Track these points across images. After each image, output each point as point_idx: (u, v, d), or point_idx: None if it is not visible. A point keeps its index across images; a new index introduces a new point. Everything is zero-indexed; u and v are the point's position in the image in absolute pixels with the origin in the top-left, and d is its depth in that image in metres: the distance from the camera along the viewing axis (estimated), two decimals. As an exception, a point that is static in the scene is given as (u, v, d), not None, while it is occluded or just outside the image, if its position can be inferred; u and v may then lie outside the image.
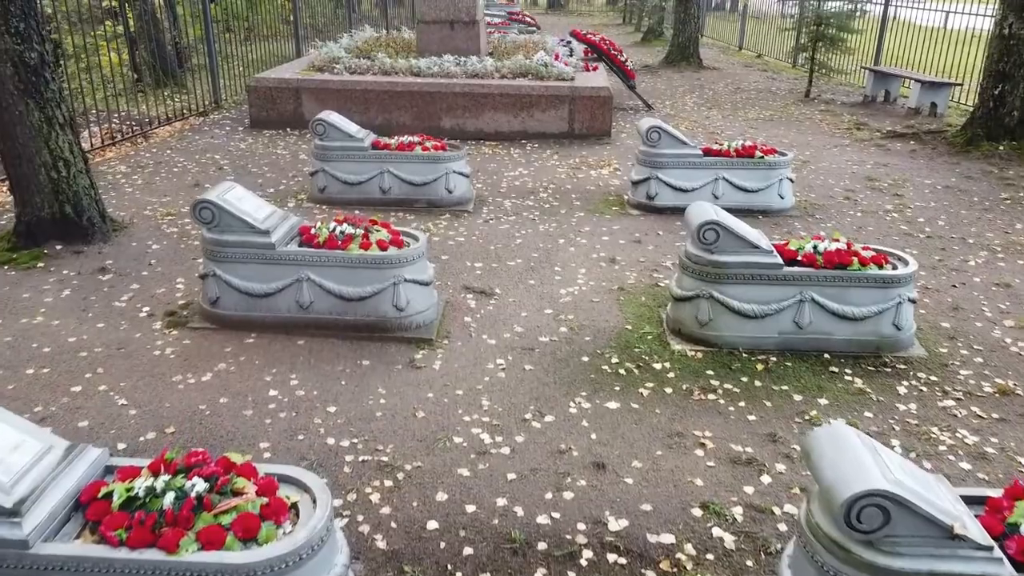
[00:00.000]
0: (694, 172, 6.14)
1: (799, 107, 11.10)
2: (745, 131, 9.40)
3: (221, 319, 4.18)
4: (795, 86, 13.06)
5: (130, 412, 3.41)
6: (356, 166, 6.17)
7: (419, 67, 8.85)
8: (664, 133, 6.09)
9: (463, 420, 3.42)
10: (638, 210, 6.28)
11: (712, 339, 4.06)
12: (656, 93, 12.23)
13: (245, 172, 7.19)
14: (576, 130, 8.57)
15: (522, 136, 8.59)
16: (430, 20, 9.75)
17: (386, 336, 4.11)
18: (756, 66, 15.96)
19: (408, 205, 6.23)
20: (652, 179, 6.16)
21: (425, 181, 6.18)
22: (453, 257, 5.26)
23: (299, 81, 8.66)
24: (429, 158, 6.13)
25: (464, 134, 8.60)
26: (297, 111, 8.71)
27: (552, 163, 7.74)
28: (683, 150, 6.12)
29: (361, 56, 9.63)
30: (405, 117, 8.60)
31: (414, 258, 4.10)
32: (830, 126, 9.81)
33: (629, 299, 4.68)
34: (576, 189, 6.89)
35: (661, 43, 20.38)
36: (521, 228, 5.86)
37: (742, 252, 3.96)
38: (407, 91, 8.52)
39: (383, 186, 6.19)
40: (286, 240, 4.14)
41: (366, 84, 8.57)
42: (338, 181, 6.21)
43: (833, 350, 4.04)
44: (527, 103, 8.47)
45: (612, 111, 8.57)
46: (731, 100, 11.69)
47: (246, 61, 11.42)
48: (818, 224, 6.06)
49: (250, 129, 8.84)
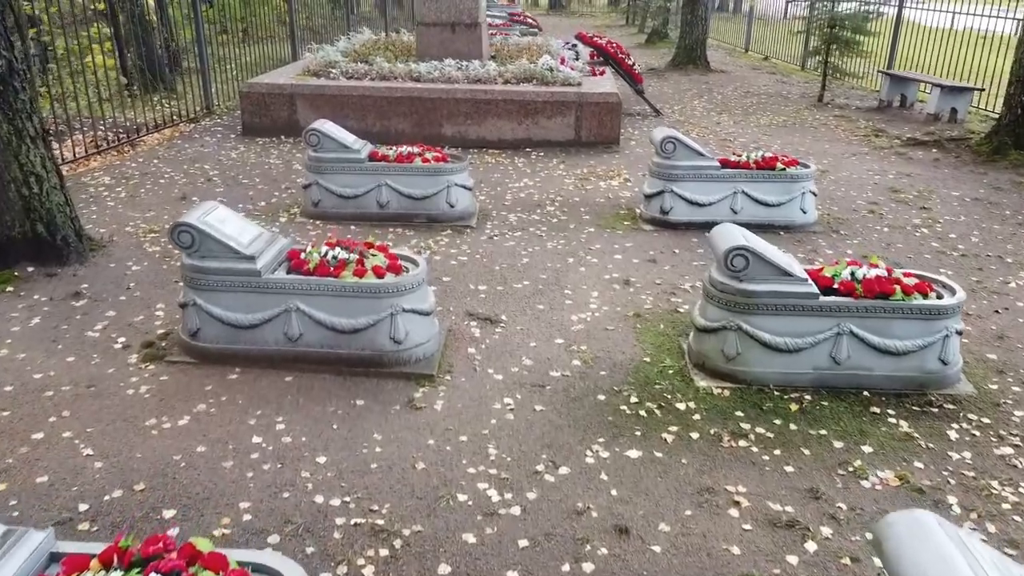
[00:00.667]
0: (711, 185, 5.80)
1: (813, 112, 10.76)
2: (758, 138, 9.07)
3: (202, 352, 3.83)
4: (807, 90, 12.73)
5: (96, 464, 3.07)
6: (352, 179, 5.83)
7: (419, 72, 8.52)
8: (679, 144, 5.74)
9: (467, 473, 3.07)
10: (651, 225, 5.94)
11: (740, 375, 3.72)
12: (663, 97, 11.89)
13: (235, 183, 6.85)
14: (583, 138, 8.23)
15: (527, 144, 8.26)
16: (430, 22, 9.41)
17: (383, 371, 3.77)
18: (764, 69, 15.63)
19: (407, 220, 5.89)
20: (666, 192, 5.82)
21: (425, 195, 5.84)
22: (455, 279, 4.92)
23: (293, 87, 8.32)
24: (429, 170, 5.79)
25: (466, 142, 8.27)
26: (291, 118, 8.38)
27: (559, 173, 7.40)
28: (699, 162, 5.78)
29: (358, 60, 9.30)
30: (404, 124, 8.27)
31: (413, 286, 3.76)
32: (846, 133, 9.47)
33: (646, 327, 4.33)
34: (585, 202, 6.55)
35: (666, 45, 20.07)
36: (528, 245, 5.52)
37: (774, 280, 3.62)
38: (406, 97, 8.19)
39: (381, 200, 5.85)
40: (273, 266, 3.80)
41: (363, 90, 8.24)
42: (333, 195, 5.87)
43: (873, 387, 3.70)
44: (532, 110, 8.13)
45: (621, 118, 8.23)
46: (741, 105, 11.35)
47: (240, 64, 11.09)
48: (843, 241, 5.71)
49: (242, 137, 8.50)
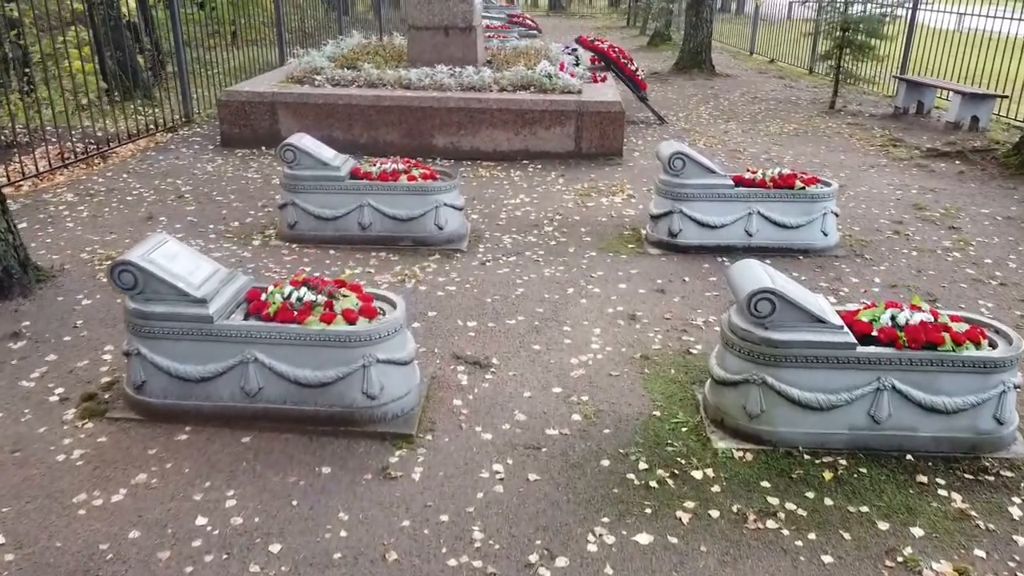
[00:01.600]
0: (724, 205, 5.34)
1: (824, 120, 10.30)
2: (769, 149, 8.61)
3: (148, 408, 3.37)
4: (816, 95, 12.27)
5: (6, 557, 2.60)
6: (331, 199, 5.37)
7: (409, 79, 8.06)
8: (689, 160, 5.28)
9: (448, 566, 2.61)
10: (658, 249, 5.48)
11: (765, 435, 3.26)
12: (667, 103, 11.44)
13: (208, 201, 6.39)
14: (584, 149, 7.77)
15: (524, 156, 7.80)
16: (422, 26, 8.96)
17: (354, 431, 3.30)
18: (771, 72, 15.19)
19: (392, 244, 5.43)
20: (675, 213, 5.36)
21: (411, 216, 5.38)
22: (442, 314, 4.45)
23: (275, 95, 7.86)
24: (416, 189, 5.33)
25: (459, 153, 7.81)
26: (273, 128, 7.92)
27: (558, 188, 6.93)
28: (711, 180, 5.32)
29: (346, 66, 8.84)
30: (393, 135, 7.81)
31: (389, 332, 3.29)
32: (862, 142, 9.01)
33: (655, 372, 3.87)
34: (586, 221, 6.09)
35: (668, 47, 19.64)
36: (523, 272, 5.06)
37: (804, 327, 3.16)
38: (395, 106, 7.73)
39: (363, 222, 5.39)
40: (229, 310, 3.34)
41: (350, 98, 7.78)
42: (311, 216, 5.41)
43: (918, 450, 3.24)
44: (529, 119, 7.68)
45: (624, 128, 7.77)
46: (749, 111, 10.89)
47: (227, 69, 10.63)
48: (869, 267, 5.25)
49: (220, 148, 8.04)
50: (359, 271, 5.03)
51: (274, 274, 4.93)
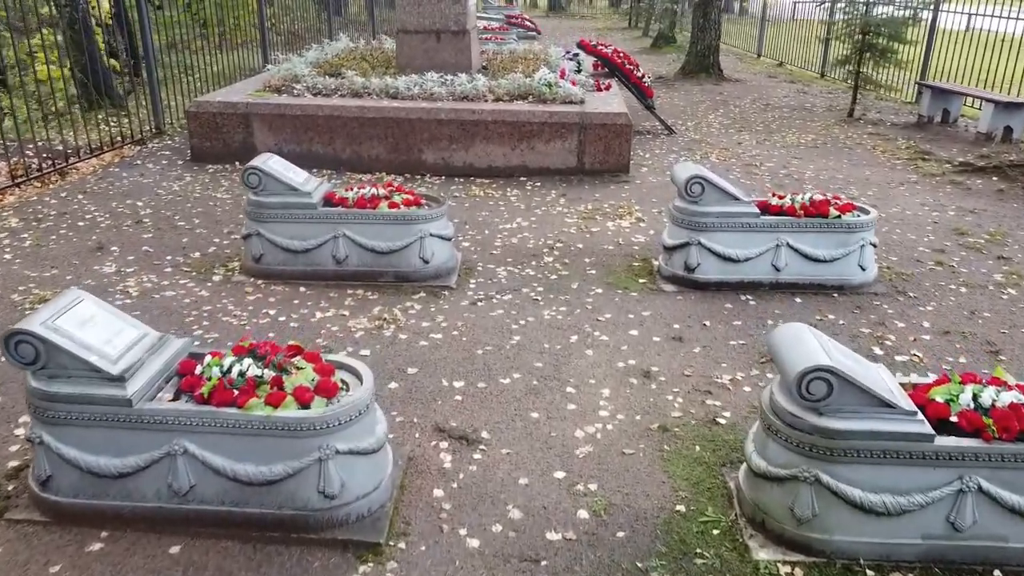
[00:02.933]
0: (748, 236, 4.73)
1: (843, 129, 9.70)
2: (788, 162, 8.00)
3: (55, 508, 2.76)
4: (832, 102, 11.68)
5: None
6: (302, 228, 4.76)
7: (396, 87, 7.45)
8: (708, 185, 4.67)
9: None
10: (673, 285, 4.87)
11: (817, 544, 2.65)
12: (675, 111, 10.84)
13: (169, 227, 5.78)
14: (587, 165, 7.16)
15: (521, 172, 7.19)
16: (412, 30, 8.36)
17: (309, 539, 2.69)
18: (781, 77, 14.60)
19: (371, 280, 4.82)
20: (692, 245, 4.75)
21: (392, 248, 4.77)
22: (424, 370, 3.84)
23: (249, 105, 7.25)
24: (397, 218, 4.72)
25: (450, 169, 7.20)
26: (247, 141, 7.30)
27: (559, 209, 6.32)
28: (733, 207, 4.71)
29: (329, 73, 8.23)
30: (379, 149, 7.20)
31: (352, 417, 2.68)
32: (887, 155, 8.40)
33: (676, 449, 3.26)
34: (590, 249, 5.48)
35: (672, 50, 19.08)
36: (520, 315, 4.45)
37: (867, 414, 2.55)
38: (381, 117, 7.12)
39: (337, 255, 4.78)
40: (154, 388, 2.73)
41: (331, 108, 7.17)
42: (278, 249, 4.80)
43: (1008, 563, 2.63)
44: (527, 132, 7.07)
45: (631, 142, 7.16)
46: (762, 120, 10.29)
47: (209, 74, 10.03)
48: (914, 308, 4.64)
49: (190, 163, 7.43)
50: (331, 313, 4.42)
51: (232, 319, 4.32)
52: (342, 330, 4.22)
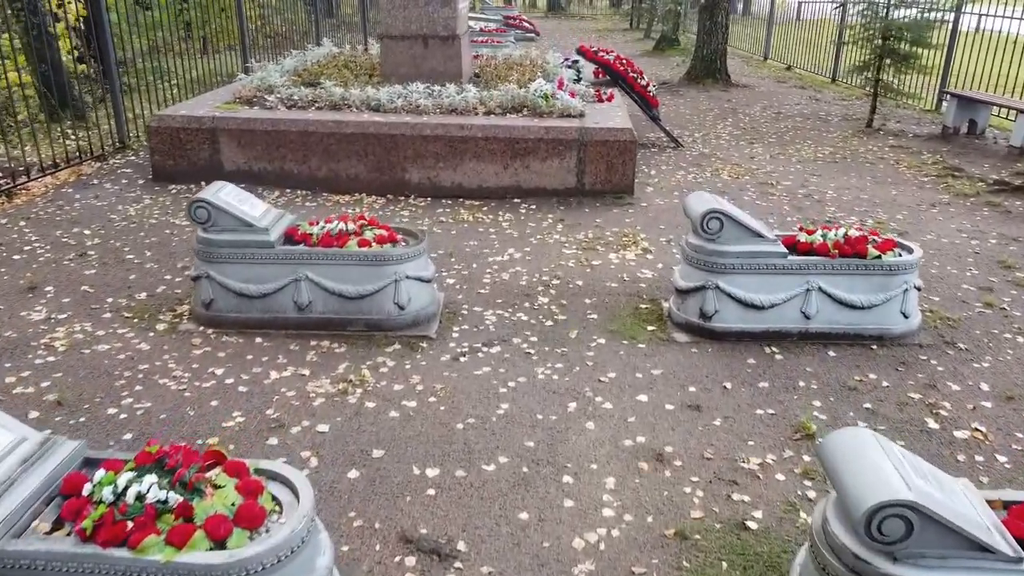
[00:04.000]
0: (775, 279, 4.12)
1: (863, 141, 9.09)
2: (806, 180, 7.39)
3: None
4: (848, 110, 11.07)
5: None
6: (258, 270, 4.15)
7: (378, 100, 6.84)
8: (728, 220, 4.06)
9: None
10: (687, 334, 4.26)
11: None
12: (681, 120, 10.23)
13: (116, 261, 5.16)
14: (587, 185, 6.55)
15: (515, 193, 6.58)
16: (397, 35, 7.75)
17: None
18: (790, 82, 13.99)
19: (338, 329, 4.20)
20: (709, 289, 4.14)
21: (362, 293, 4.15)
22: (392, 452, 3.22)
23: (215, 119, 6.63)
24: (369, 258, 4.11)
25: (437, 190, 6.59)
26: (213, 159, 6.69)
27: (556, 237, 5.71)
28: (757, 246, 4.10)
29: (308, 83, 7.63)
30: (358, 168, 6.59)
31: (280, 559, 2.06)
32: (913, 171, 7.79)
33: (698, 567, 2.64)
34: (591, 287, 4.87)
35: (676, 52, 18.48)
36: (509, 373, 3.84)
37: (956, 558, 1.94)
38: (360, 133, 6.50)
39: (300, 300, 4.17)
40: (26, 513, 2.11)
41: (306, 123, 6.55)
42: (231, 293, 4.18)
43: None
44: (521, 149, 6.45)
45: (636, 160, 6.54)
46: (775, 130, 9.68)
47: (186, 81, 9.42)
48: (967, 364, 4.02)
49: (151, 183, 6.81)
50: (289, 373, 3.80)
51: (170, 382, 3.70)
52: (299, 396, 3.61)
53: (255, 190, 6.59)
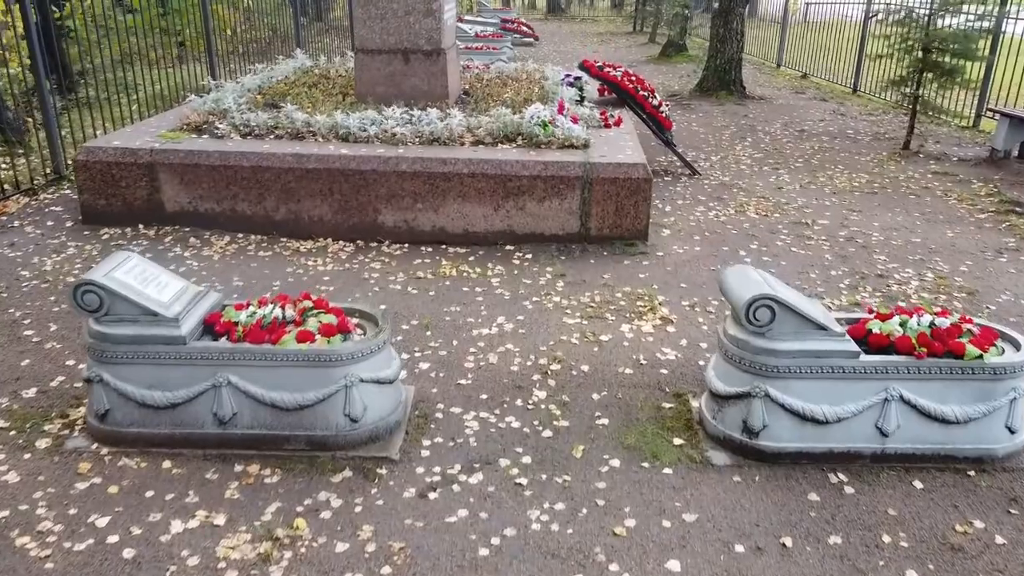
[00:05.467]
0: (842, 386, 3.18)
1: (901, 166, 8.15)
2: (845, 217, 6.45)
3: None
4: (878, 127, 10.13)
5: None
6: (167, 373, 3.21)
7: (347, 127, 5.90)
8: (781, 308, 3.12)
9: None
10: (727, 453, 3.31)
11: None
12: (693, 139, 9.29)
13: (11, 338, 4.20)
14: (592, 230, 5.60)
15: (507, 238, 5.63)
16: (373, 49, 6.82)
17: None
18: (808, 92, 13.06)
19: (272, 448, 3.25)
20: (757, 398, 3.19)
21: (303, 403, 3.21)
22: (321, 676, 2.28)
23: (154, 152, 5.69)
24: (311, 358, 3.16)
25: (415, 235, 5.65)
26: (152, 199, 5.75)
27: (555, 300, 4.76)
28: (819, 342, 3.15)
29: (271, 104, 6.69)
30: (322, 208, 5.64)
31: None
32: (966, 206, 6.85)
33: None
34: (600, 374, 3.93)
35: (683, 59, 17.60)
36: (493, 523, 2.89)
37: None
38: (325, 168, 5.56)
39: (221, 412, 3.22)
40: None
41: (260, 156, 5.61)
42: (132, 402, 3.24)
43: None
44: (515, 188, 5.51)
45: (650, 201, 5.59)
46: (800, 152, 8.74)
47: (147, 96, 8.48)
48: (1100, 500, 3.08)
49: (80, 227, 5.86)
50: (195, 523, 2.85)
51: (30, 543, 2.74)
52: (204, 565, 2.66)
53: (202, 235, 5.66)
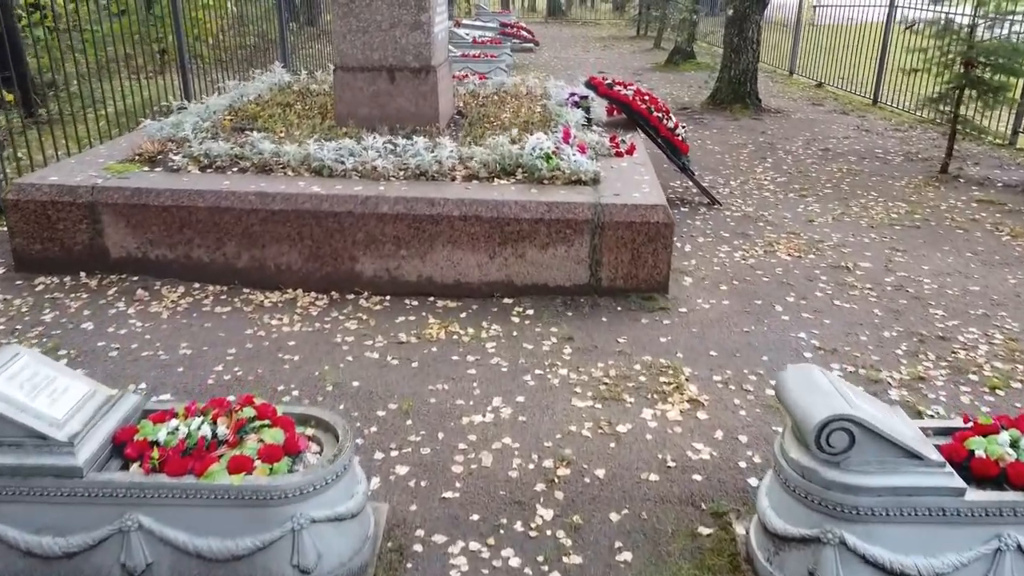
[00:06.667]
0: (942, 532, 2.45)
1: (941, 193, 7.43)
2: (890, 258, 5.72)
3: None
4: (907, 146, 9.41)
5: None
6: (60, 514, 2.48)
7: (321, 160, 5.17)
8: (862, 431, 2.38)
9: None
10: (787, 612, 2.58)
11: None
12: (709, 159, 8.57)
13: None
14: (604, 281, 4.87)
15: (505, 290, 4.91)
16: (355, 67, 6.10)
17: None
18: (827, 104, 12.35)
19: (195, 610, 2.53)
20: (829, 545, 2.46)
21: (238, 552, 2.47)
22: None
23: (96, 190, 4.96)
24: (246, 496, 2.43)
25: (398, 286, 4.92)
26: (95, 244, 5.02)
27: (562, 374, 4.03)
28: (911, 475, 2.42)
29: (240, 128, 5.97)
30: (291, 255, 4.92)
31: None
32: (1020, 242, 6.12)
33: None
34: (618, 482, 3.21)
35: (691, 67, 16.92)
36: None
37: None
38: (294, 210, 4.83)
39: (131, 564, 2.49)
40: None
41: (218, 195, 4.88)
42: (15, 551, 2.51)
43: None
44: (514, 233, 4.78)
45: (672, 247, 4.85)
46: (827, 176, 8.02)
47: (109, 115, 7.75)
48: None
49: (13, 275, 5.13)
50: None
51: None
52: None
53: (152, 286, 4.93)
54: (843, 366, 4.15)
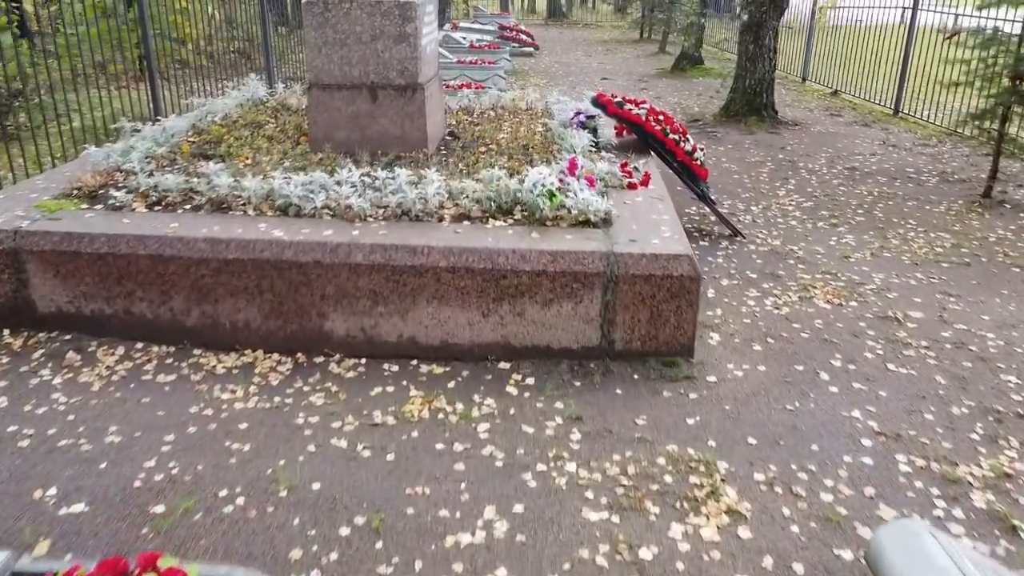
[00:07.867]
0: None
1: (987, 222, 6.71)
2: (943, 306, 5.00)
3: None
4: (941, 165, 8.70)
5: None
6: None
7: (286, 197, 4.46)
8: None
9: None
10: None
11: None
12: (726, 180, 7.87)
13: None
14: (617, 343, 4.16)
15: (501, 353, 4.19)
16: (332, 84, 5.41)
17: None
18: (845, 114, 11.64)
19: None
20: None
21: None
22: None
23: (19, 235, 4.24)
24: None
25: (375, 347, 4.20)
26: (19, 296, 4.31)
27: (569, 471, 3.32)
28: None
29: (202, 155, 5.27)
30: (249, 311, 4.20)
31: None
32: (1090, 284, 5.42)
33: None
34: (644, 641, 2.50)
35: (699, 73, 16.22)
36: None
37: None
38: (251, 259, 4.12)
39: None
40: None
41: (163, 242, 4.16)
42: None
43: None
44: (511, 287, 4.07)
45: (698, 304, 4.14)
46: (856, 199, 7.31)
47: (72, 131, 7.04)
48: None
49: (-77, 333, 4.43)
50: None
51: None
52: None
53: (85, 347, 4.22)
54: (910, 458, 3.44)
